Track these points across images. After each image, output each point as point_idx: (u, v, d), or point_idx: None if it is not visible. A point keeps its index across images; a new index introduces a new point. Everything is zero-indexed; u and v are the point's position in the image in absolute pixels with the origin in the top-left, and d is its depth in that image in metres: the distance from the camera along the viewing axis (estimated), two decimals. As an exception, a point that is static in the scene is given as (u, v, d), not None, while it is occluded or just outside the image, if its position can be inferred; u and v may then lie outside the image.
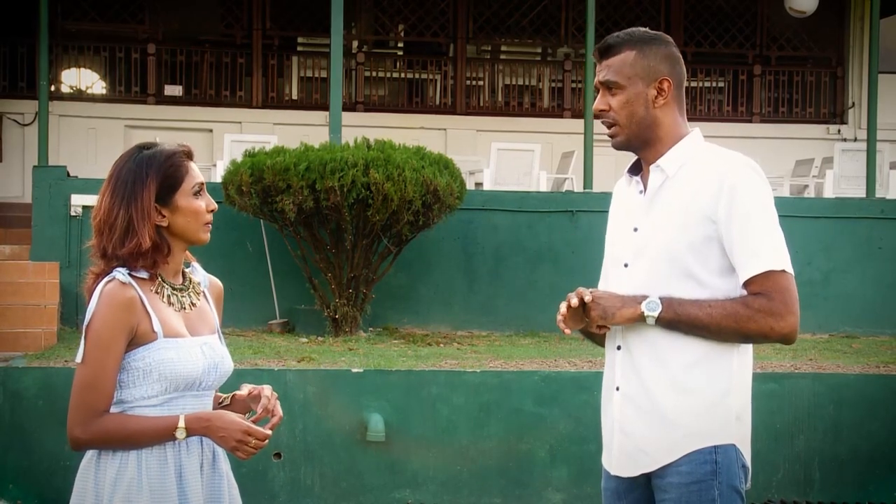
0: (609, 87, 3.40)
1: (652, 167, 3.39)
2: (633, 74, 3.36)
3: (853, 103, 17.70)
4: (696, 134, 3.43)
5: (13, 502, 8.45)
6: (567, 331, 3.41)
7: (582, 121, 13.54)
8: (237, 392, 3.43)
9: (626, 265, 3.40)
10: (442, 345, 10.85)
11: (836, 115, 17.90)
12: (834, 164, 14.53)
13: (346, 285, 10.87)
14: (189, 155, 3.33)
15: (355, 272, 10.84)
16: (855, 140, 17.05)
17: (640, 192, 3.43)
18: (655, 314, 3.25)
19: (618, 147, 3.44)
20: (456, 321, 12.11)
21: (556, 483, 8.88)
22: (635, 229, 3.40)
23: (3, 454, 8.54)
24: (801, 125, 17.58)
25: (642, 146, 3.41)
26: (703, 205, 3.27)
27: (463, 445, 8.84)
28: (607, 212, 3.64)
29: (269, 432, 3.21)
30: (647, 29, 3.45)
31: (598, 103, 3.42)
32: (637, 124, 3.37)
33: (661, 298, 3.26)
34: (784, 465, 9.01)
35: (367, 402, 8.73)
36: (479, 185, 14.13)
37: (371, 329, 11.47)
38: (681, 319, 3.24)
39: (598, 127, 13.92)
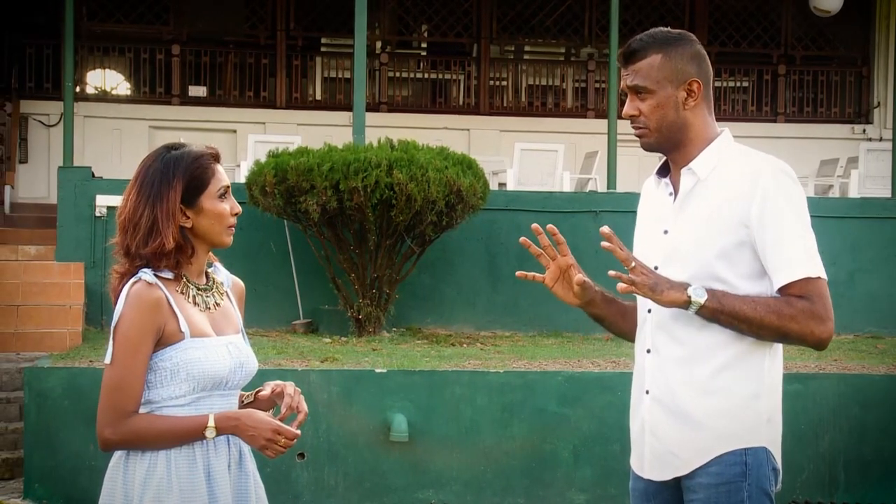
0: (638, 91, 3.35)
1: (683, 170, 3.36)
2: (662, 78, 3.32)
3: (878, 103, 17.62)
4: (726, 135, 3.40)
5: (39, 502, 8.49)
6: (528, 245, 3.43)
7: (606, 121, 13.51)
8: (260, 391, 3.44)
9: (655, 268, 3.35)
10: (465, 345, 10.85)
11: (861, 115, 17.82)
12: (859, 164, 14.47)
13: (370, 285, 10.88)
14: (216, 157, 3.34)
15: (379, 272, 10.85)
16: (880, 140, 16.98)
17: (670, 194, 3.40)
18: (701, 301, 3.19)
19: (647, 149, 3.42)
20: (479, 321, 12.11)
21: (579, 483, 8.87)
22: (665, 232, 3.38)
23: (29, 454, 8.58)
24: (825, 125, 17.52)
25: (673, 148, 3.38)
26: (735, 209, 3.23)
27: (486, 446, 8.84)
28: (631, 212, 3.62)
29: (299, 432, 3.22)
30: (669, 29, 3.42)
31: (628, 108, 3.38)
32: (668, 128, 3.34)
33: (705, 288, 3.21)
34: (809, 465, 8.97)
35: (391, 402, 8.74)
36: (502, 185, 14.13)
37: (394, 329, 11.48)
38: (724, 310, 3.19)
39: (622, 127, 13.93)
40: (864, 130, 17.50)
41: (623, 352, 10.29)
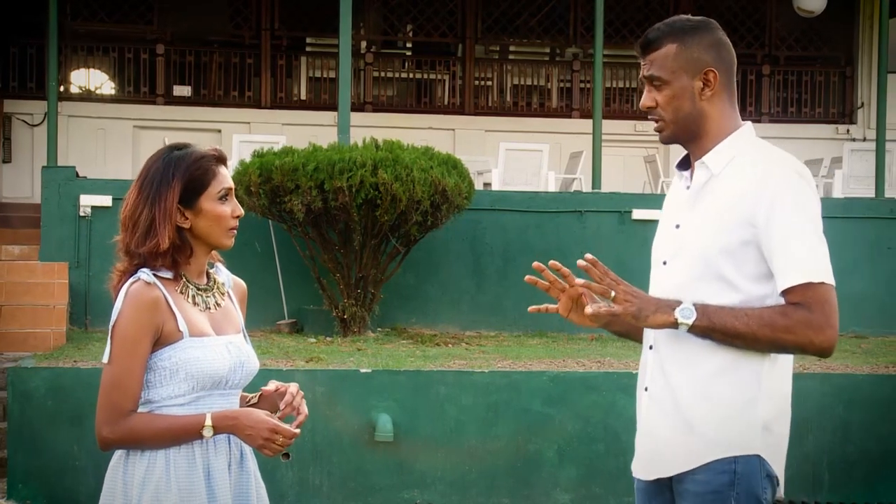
0: (653, 82, 3.26)
1: (697, 163, 3.27)
2: (677, 68, 3.22)
3: (862, 103, 17.68)
4: (746, 129, 3.28)
5: (23, 502, 8.46)
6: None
7: (590, 121, 13.53)
8: (264, 388, 3.46)
9: (664, 263, 3.30)
10: (450, 345, 10.85)
11: (845, 115, 17.87)
12: (843, 164, 14.51)
13: (355, 285, 10.87)
14: (220, 159, 3.32)
15: (364, 272, 10.85)
16: (864, 140, 17.03)
17: (687, 187, 3.31)
18: (690, 322, 3.10)
19: (664, 142, 3.34)
20: (464, 321, 12.11)
21: (564, 483, 8.88)
22: (677, 226, 3.29)
23: (13, 454, 8.55)
24: (810, 125, 17.56)
25: (689, 140, 3.28)
26: (743, 208, 3.13)
27: (471, 445, 8.84)
28: (616, 212, 3.63)
29: (297, 431, 3.23)
30: (688, 16, 3.33)
31: (645, 100, 3.29)
32: (684, 119, 3.25)
33: (695, 305, 3.12)
34: (793, 465, 8.92)
35: (376, 402, 8.74)
36: (487, 185, 14.13)
37: (379, 329, 11.48)
38: (715, 328, 3.11)
39: (607, 127, 14.00)
40: (848, 131, 17.55)
41: (608, 352, 10.30)
